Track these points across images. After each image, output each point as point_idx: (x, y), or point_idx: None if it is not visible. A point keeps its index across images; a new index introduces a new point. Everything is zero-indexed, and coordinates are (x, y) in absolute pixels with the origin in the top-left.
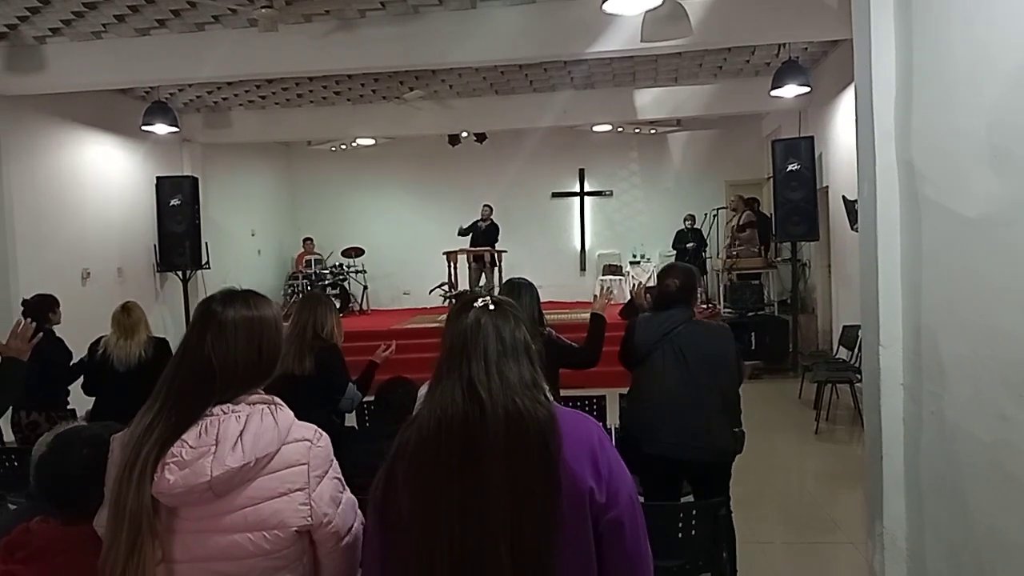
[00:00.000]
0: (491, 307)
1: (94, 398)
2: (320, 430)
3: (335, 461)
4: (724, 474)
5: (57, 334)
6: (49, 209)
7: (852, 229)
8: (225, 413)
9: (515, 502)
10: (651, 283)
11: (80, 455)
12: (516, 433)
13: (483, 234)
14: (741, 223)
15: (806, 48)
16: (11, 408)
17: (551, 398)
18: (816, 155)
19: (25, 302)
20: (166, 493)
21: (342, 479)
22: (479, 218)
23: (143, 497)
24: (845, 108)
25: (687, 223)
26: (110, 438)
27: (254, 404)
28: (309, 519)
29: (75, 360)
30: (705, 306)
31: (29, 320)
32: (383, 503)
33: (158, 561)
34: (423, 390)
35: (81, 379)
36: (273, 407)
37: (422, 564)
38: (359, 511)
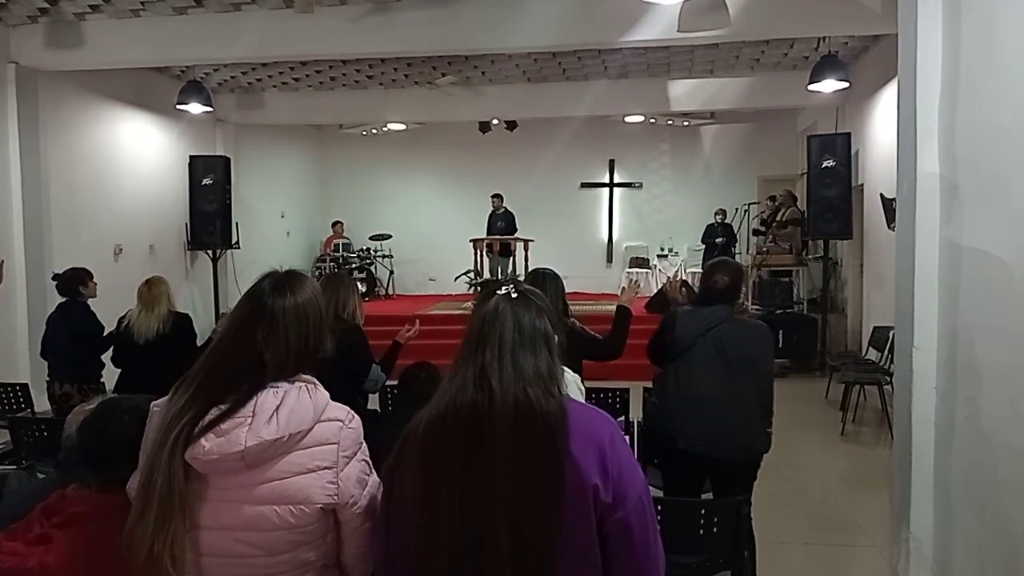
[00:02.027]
0: (513, 295)
1: (120, 370)
2: (353, 412)
3: (364, 444)
4: (750, 474)
5: (90, 307)
6: (84, 184)
7: (889, 228)
8: (264, 388)
9: (517, 493)
10: (680, 277)
11: (122, 423)
12: (524, 424)
13: (500, 222)
14: (785, 219)
15: (846, 43)
16: (47, 379)
17: (566, 391)
18: (852, 152)
19: (56, 276)
20: (200, 459)
21: (369, 462)
22: (491, 209)
23: (175, 465)
24: (884, 104)
25: (718, 217)
26: (150, 406)
27: (293, 381)
28: (335, 497)
29: (106, 333)
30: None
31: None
32: (390, 485)
33: (188, 529)
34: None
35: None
36: (311, 386)
37: (422, 550)
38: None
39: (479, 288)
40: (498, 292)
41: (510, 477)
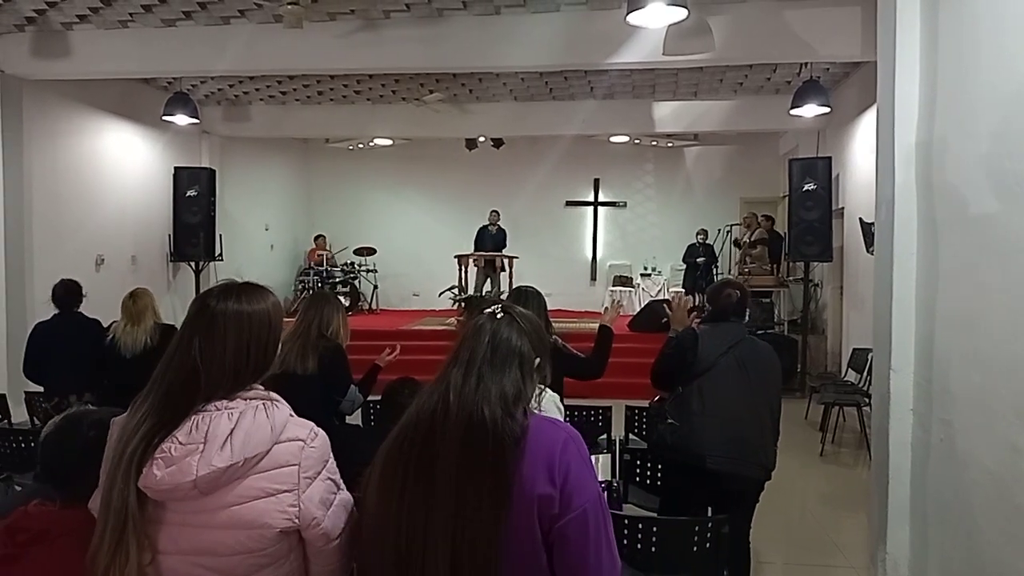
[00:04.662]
0: (498, 314)
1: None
2: (317, 429)
3: (331, 461)
4: (759, 493)
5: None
6: (68, 194)
7: (868, 251)
8: (219, 410)
9: (459, 508)
10: (661, 296)
11: (85, 437)
12: (472, 440)
13: (492, 239)
14: (753, 239)
15: (827, 68)
16: (55, 393)
17: (539, 409)
18: (833, 176)
19: (67, 282)
20: (152, 488)
21: (337, 480)
22: (487, 223)
23: (128, 495)
24: (864, 130)
25: (699, 237)
26: (111, 420)
27: (250, 400)
28: (295, 520)
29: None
30: None
31: None
32: (363, 495)
33: (147, 563)
34: None
35: None
36: (269, 404)
37: (374, 553)
38: (356, 510)
39: (463, 304)
40: (485, 311)
41: (453, 490)
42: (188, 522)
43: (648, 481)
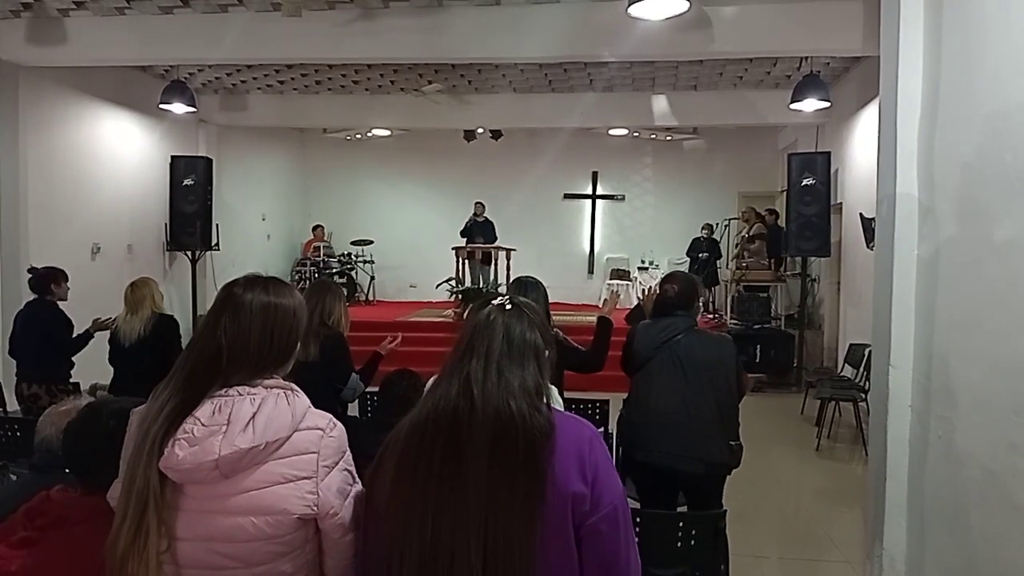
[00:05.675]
0: (507, 307)
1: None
2: (335, 420)
3: (348, 453)
4: (718, 487)
5: (59, 307)
6: (63, 182)
7: (868, 247)
8: (240, 395)
9: (491, 504)
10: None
11: (106, 426)
12: (503, 435)
13: (480, 230)
14: (751, 234)
15: (828, 63)
16: (15, 377)
17: (553, 406)
18: (832, 171)
19: (33, 269)
20: (174, 468)
21: (353, 472)
22: (473, 214)
23: (151, 476)
24: (864, 125)
25: (704, 232)
26: (131, 411)
27: (271, 388)
28: (314, 508)
29: (78, 333)
30: (711, 316)
31: None
32: (371, 491)
33: (163, 550)
34: (431, 383)
35: (83, 351)
36: (290, 393)
37: (393, 553)
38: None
39: (460, 296)
40: (493, 303)
41: (484, 487)
42: (206, 508)
43: None
